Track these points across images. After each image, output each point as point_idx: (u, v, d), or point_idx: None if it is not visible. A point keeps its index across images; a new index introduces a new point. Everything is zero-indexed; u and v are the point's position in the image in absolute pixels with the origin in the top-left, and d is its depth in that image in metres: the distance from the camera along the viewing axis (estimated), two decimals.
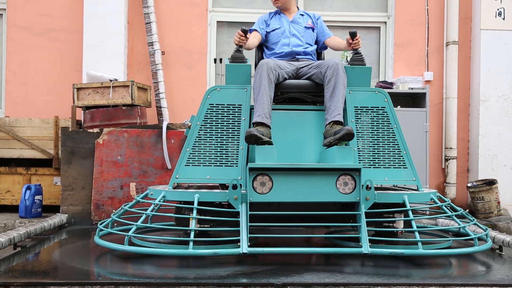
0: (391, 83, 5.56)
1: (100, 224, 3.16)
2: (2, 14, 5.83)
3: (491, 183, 5.19)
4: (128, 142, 4.49)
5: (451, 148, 5.69)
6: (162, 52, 5.60)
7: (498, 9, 5.60)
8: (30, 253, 3.02)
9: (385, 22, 5.97)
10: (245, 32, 3.22)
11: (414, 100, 5.67)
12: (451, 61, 5.72)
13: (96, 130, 4.57)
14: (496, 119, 5.62)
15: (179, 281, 2.31)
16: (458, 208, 3.12)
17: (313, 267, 2.70)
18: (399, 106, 5.38)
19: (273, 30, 3.64)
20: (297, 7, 3.79)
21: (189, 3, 5.75)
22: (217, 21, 5.85)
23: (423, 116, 5.27)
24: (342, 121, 3.05)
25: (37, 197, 4.68)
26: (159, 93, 5.48)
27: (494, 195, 5.15)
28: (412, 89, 5.47)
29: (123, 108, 4.87)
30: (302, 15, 3.73)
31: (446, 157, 5.73)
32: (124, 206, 3.25)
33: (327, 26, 3.80)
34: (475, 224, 3.11)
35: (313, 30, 3.70)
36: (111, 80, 4.95)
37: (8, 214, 4.88)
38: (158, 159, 4.46)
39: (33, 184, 4.71)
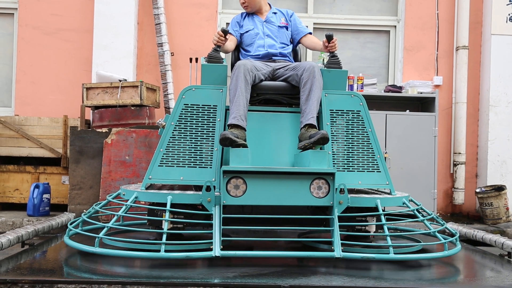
0: (400, 87, 5.54)
1: (70, 224, 3.11)
2: (13, 14, 5.88)
3: (500, 189, 5.15)
4: (137, 142, 4.50)
5: (459, 153, 5.65)
6: (171, 53, 5.62)
7: (509, 14, 5.57)
8: (38, 251, 3.03)
9: (395, 26, 5.95)
10: (225, 32, 3.20)
11: (423, 104, 5.64)
12: (461, 65, 5.69)
13: (104, 129, 4.59)
14: (506, 124, 5.58)
15: (185, 281, 2.31)
16: (430, 212, 3.14)
17: (320, 269, 2.69)
18: (407, 110, 5.36)
19: (246, 32, 3.60)
20: (269, 5, 3.74)
21: (199, 4, 5.77)
22: (226, 23, 5.86)
23: (432, 121, 5.24)
24: (316, 124, 3.04)
25: (45, 195, 4.70)
26: (167, 94, 5.50)
27: (503, 201, 5.11)
28: (421, 93, 5.44)
29: (132, 108, 4.89)
30: (275, 13, 3.68)
31: (455, 162, 5.69)
32: (95, 205, 3.20)
33: (335, 29, 3.78)
34: (446, 228, 3.13)
35: (287, 28, 3.65)
36: (120, 80, 4.97)
37: (16, 212, 4.91)
38: None
39: (42, 183, 4.74)
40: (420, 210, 3.11)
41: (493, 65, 5.59)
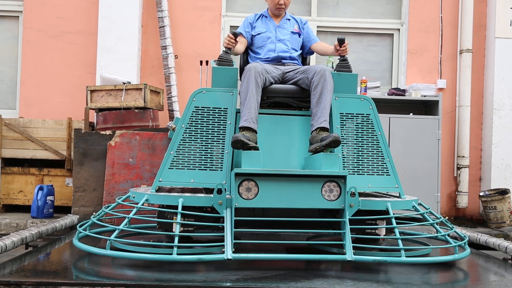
0: (404, 90, 5.54)
1: (80, 227, 3.11)
2: (18, 16, 5.91)
3: (503, 192, 5.13)
4: (140, 145, 4.51)
5: (463, 156, 5.64)
6: (175, 55, 5.63)
7: None
8: (42, 253, 3.04)
9: (399, 29, 5.95)
10: (235, 35, 3.22)
11: (426, 107, 5.64)
12: (465, 69, 5.69)
13: (108, 132, 4.60)
14: (510, 128, 5.57)
15: (188, 284, 2.32)
16: (438, 216, 3.13)
17: (325, 273, 2.69)
18: (411, 114, 5.36)
19: (258, 34, 3.61)
20: (285, 12, 3.76)
21: (203, 7, 5.79)
22: (230, 26, 5.88)
23: (436, 124, 5.24)
24: (328, 127, 3.04)
25: (49, 197, 4.72)
26: (171, 97, 5.51)
27: (507, 205, 5.10)
28: (424, 96, 5.44)
29: (136, 110, 4.90)
30: (289, 19, 3.70)
31: (458, 166, 5.68)
32: (105, 208, 3.20)
33: (339, 32, 3.78)
34: (455, 231, 3.14)
35: (299, 35, 3.66)
36: (124, 83, 4.99)
37: (20, 214, 4.93)
38: None
39: (46, 185, 4.75)
40: (429, 214, 3.10)
41: (497, 68, 5.59)
